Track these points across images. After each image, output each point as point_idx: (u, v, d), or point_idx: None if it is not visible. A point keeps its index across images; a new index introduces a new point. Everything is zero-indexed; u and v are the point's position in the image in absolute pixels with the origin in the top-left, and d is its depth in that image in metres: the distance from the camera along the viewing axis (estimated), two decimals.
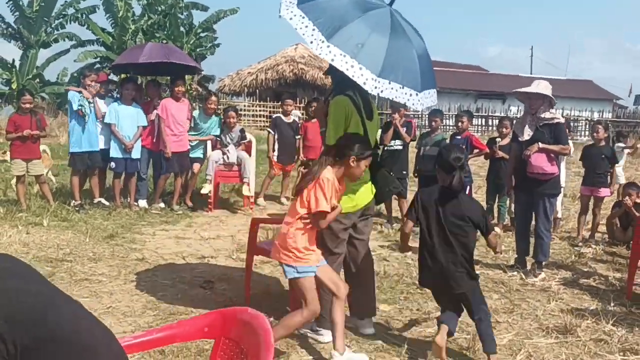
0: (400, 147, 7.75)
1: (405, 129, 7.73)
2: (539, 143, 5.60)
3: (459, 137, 7.71)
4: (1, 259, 1.72)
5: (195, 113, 8.45)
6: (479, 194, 9.49)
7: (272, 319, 4.37)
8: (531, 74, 39.80)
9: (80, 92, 7.64)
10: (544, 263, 5.88)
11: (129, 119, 7.94)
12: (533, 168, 5.64)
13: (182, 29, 29.18)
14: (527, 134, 5.75)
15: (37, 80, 27.12)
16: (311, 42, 3.42)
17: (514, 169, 6.02)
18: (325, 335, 4.07)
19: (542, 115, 5.68)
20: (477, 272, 5.82)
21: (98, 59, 27.44)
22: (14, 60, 26.32)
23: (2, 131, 8.57)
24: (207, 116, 8.40)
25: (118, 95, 8.24)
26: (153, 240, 6.69)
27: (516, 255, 6.09)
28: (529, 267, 5.89)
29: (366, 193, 4.08)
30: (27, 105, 7.59)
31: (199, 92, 30.45)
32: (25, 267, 1.75)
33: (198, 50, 30.32)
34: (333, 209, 3.59)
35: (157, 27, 28.99)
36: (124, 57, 8.70)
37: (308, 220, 3.59)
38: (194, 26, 30.04)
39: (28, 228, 6.78)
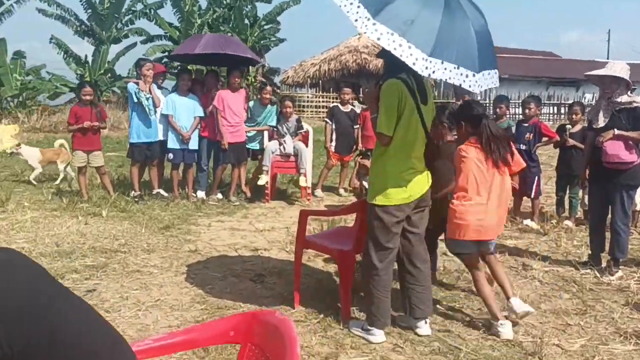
0: None
1: None
2: (615, 130, 5.12)
3: (526, 124, 7.24)
4: (2, 253, 1.57)
5: (251, 104, 8.32)
6: (549, 185, 8.96)
7: (322, 316, 4.18)
8: (608, 59, 37.81)
9: (137, 83, 7.65)
10: (621, 260, 5.39)
11: (185, 110, 7.91)
12: (609, 157, 5.16)
13: (246, 21, 29.35)
14: (602, 120, 5.27)
15: (109, 75, 27.93)
16: (356, 21, 3.15)
17: (591, 159, 5.54)
18: (378, 335, 3.82)
19: (619, 100, 5.18)
20: (546, 268, 5.47)
21: (166, 53, 27.99)
22: (86, 56, 27.18)
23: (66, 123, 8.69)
24: (262, 106, 8.27)
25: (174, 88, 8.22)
26: (208, 232, 6.62)
27: (590, 252, 5.62)
28: (604, 264, 5.42)
29: (421, 183, 3.79)
30: (88, 97, 7.68)
31: (263, 83, 30.57)
32: (27, 264, 1.60)
33: (262, 42, 30.44)
34: None
35: (222, 20, 29.28)
36: (182, 47, 8.68)
37: None
38: (258, 18, 30.15)
39: (87, 218, 6.86)
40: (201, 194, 8.29)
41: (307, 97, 28.03)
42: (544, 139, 7.18)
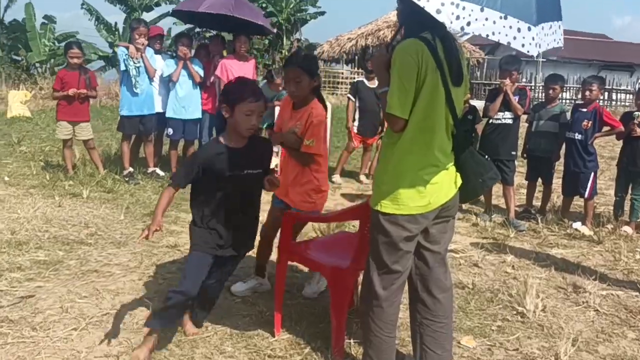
0: (510, 121, 6.13)
1: (517, 97, 6.11)
2: None
3: (584, 109, 6.04)
4: None
5: (260, 84, 7.24)
6: (603, 180, 7.77)
7: (307, 350, 3.19)
8: None
9: (127, 47, 6.69)
10: None
11: (185, 77, 6.92)
12: None
13: None
14: None
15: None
16: None
17: None
18: None
19: None
20: (603, 292, 4.36)
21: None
22: (116, 24, 26.53)
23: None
24: (272, 92, 7.22)
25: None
26: None
27: None
28: None
29: (446, 185, 2.72)
30: (75, 61, 6.77)
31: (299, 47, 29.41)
32: None
33: (298, 15, 29.26)
34: None
35: None
36: (185, 2, 7.61)
37: None
38: None
39: (64, 199, 5.99)
40: None
41: (342, 73, 26.82)
42: (605, 128, 5.98)
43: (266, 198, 3.63)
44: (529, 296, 3.94)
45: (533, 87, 23.02)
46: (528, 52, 2.26)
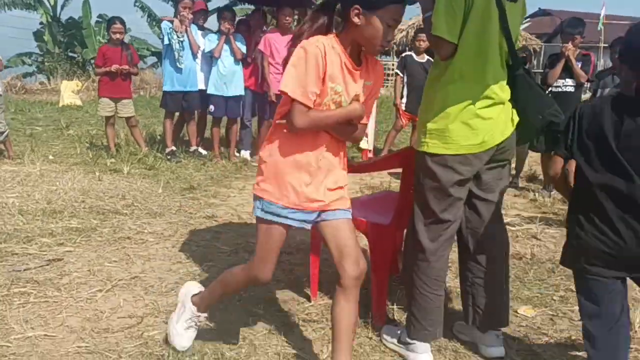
0: (572, 89, 5.68)
1: (581, 64, 5.64)
2: None
3: None
4: None
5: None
6: None
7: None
8: None
9: (172, 22, 6.55)
10: None
11: (227, 53, 6.72)
12: None
13: None
14: None
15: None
16: None
17: None
18: (421, 353, 2.51)
19: None
20: None
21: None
22: None
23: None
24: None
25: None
26: (238, 196, 5.45)
27: None
28: None
29: (502, 121, 2.39)
30: (118, 36, 6.67)
31: None
32: None
33: None
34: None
35: None
36: None
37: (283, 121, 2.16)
38: None
39: (104, 175, 5.87)
40: (245, 153, 7.14)
41: (393, 64, 26.38)
42: None
43: None
44: None
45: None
46: None
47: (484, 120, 2.33)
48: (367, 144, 6.98)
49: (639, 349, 3.00)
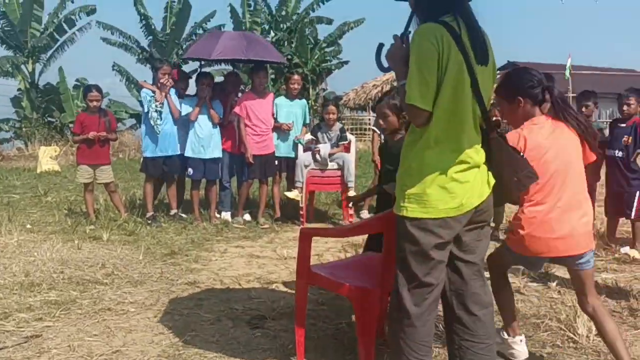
0: None
1: None
2: None
3: (622, 124, 5.69)
4: None
5: (277, 100, 7.06)
6: None
7: None
8: None
9: (153, 92, 6.62)
10: None
11: (204, 117, 6.79)
12: None
13: (307, 44, 28.53)
14: None
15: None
16: None
17: None
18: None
19: None
20: None
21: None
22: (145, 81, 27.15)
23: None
24: (291, 98, 7.04)
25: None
26: (220, 260, 5.41)
27: None
28: None
29: (478, 185, 2.42)
30: (95, 103, 6.72)
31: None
32: None
33: (323, 65, 29.54)
34: None
35: (283, 43, 28.61)
36: (195, 49, 7.51)
37: None
38: (319, 41, 29.31)
39: (83, 242, 5.80)
40: (226, 215, 7.13)
41: (369, 119, 26.84)
42: None
43: None
44: (580, 320, 3.54)
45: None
46: None
47: (461, 184, 2.37)
48: (352, 191, 7.06)
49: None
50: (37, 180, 10.95)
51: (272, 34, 29.18)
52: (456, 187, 2.36)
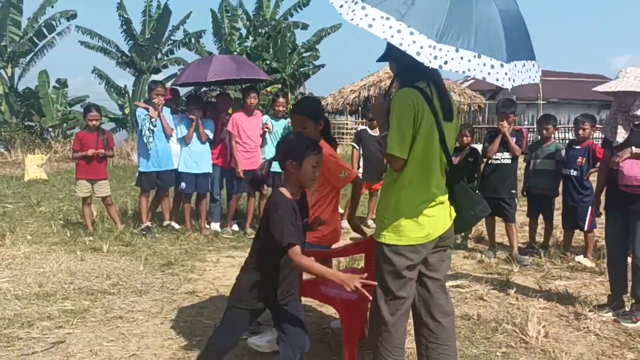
0: (509, 161, 6.45)
1: (515, 139, 6.43)
2: (633, 147, 4.28)
3: (577, 146, 6.34)
4: None
5: (264, 118, 7.58)
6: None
7: None
8: None
9: (147, 109, 7.11)
10: None
11: (196, 135, 7.30)
12: (626, 179, 4.31)
13: (285, 49, 29.04)
14: (622, 136, 4.44)
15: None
16: (341, 6, 2.46)
17: (607, 182, 4.69)
18: None
19: (637, 113, 4.35)
20: (604, 318, 4.53)
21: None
22: (125, 87, 27.38)
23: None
24: (276, 119, 7.57)
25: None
26: (214, 269, 5.93)
27: (610, 292, 4.73)
28: (627, 308, 4.59)
29: (442, 218, 3.00)
30: (94, 122, 7.18)
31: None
32: None
33: (301, 70, 30.10)
34: None
35: (262, 48, 29.10)
36: (189, 74, 7.97)
37: None
38: (297, 46, 29.85)
39: (85, 254, 6.27)
40: (215, 226, 7.64)
41: (347, 124, 27.46)
42: (599, 164, 6.27)
43: None
44: (531, 323, 4.14)
45: (534, 130, 23.41)
46: (503, 85, 2.57)
47: (428, 218, 2.94)
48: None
49: (541, 359, 3.57)
50: (27, 189, 11.29)
51: (251, 38, 29.70)
52: (425, 220, 2.93)
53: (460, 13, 2.51)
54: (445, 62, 2.46)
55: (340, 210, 7.96)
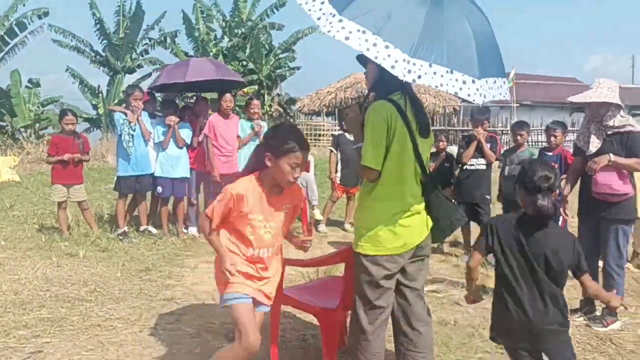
0: (484, 167, 6.58)
1: (489, 145, 6.56)
2: (611, 155, 4.41)
3: (549, 153, 6.45)
4: None
5: (240, 121, 7.59)
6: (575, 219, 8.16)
7: None
8: (633, 83, 36.85)
9: (125, 114, 7.07)
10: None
11: (173, 139, 7.28)
12: (599, 187, 4.46)
13: (262, 50, 29.00)
14: (595, 145, 4.57)
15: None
16: (318, 19, 2.51)
17: (580, 189, 4.82)
18: None
19: (610, 123, 4.49)
20: (576, 322, 4.65)
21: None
22: (99, 86, 27.10)
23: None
24: (250, 121, 7.59)
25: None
26: (192, 275, 5.92)
27: (582, 297, 4.86)
28: (599, 312, 4.71)
29: (419, 227, 3.07)
30: (70, 126, 7.11)
31: (280, 113, 30.23)
32: None
33: (278, 71, 30.10)
34: None
35: (238, 49, 29.03)
36: (167, 76, 7.95)
37: None
38: (274, 47, 29.83)
39: (61, 260, 6.22)
40: (193, 230, 7.62)
41: (323, 125, 27.55)
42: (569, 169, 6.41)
43: None
44: None
45: (508, 132, 23.76)
46: (474, 100, 2.68)
47: (405, 228, 3.00)
48: (320, 215, 7.70)
49: None
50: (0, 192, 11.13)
51: (227, 39, 29.61)
52: (401, 230, 2.99)
53: (434, 30, 2.59)
54: (419, 77, 2.53)
55: (320, 217, 8.10)
